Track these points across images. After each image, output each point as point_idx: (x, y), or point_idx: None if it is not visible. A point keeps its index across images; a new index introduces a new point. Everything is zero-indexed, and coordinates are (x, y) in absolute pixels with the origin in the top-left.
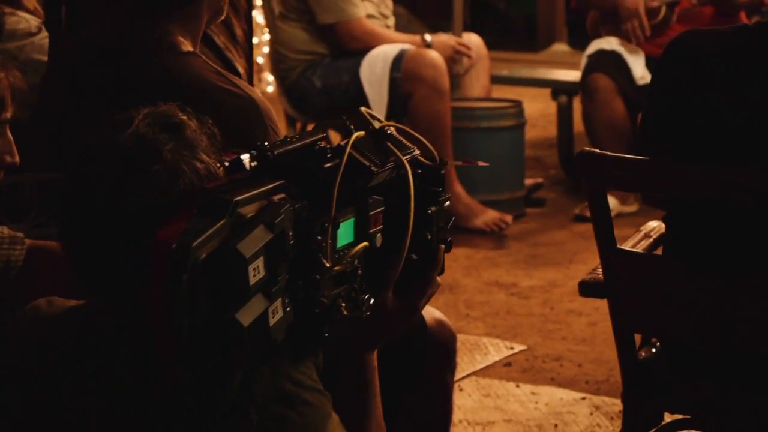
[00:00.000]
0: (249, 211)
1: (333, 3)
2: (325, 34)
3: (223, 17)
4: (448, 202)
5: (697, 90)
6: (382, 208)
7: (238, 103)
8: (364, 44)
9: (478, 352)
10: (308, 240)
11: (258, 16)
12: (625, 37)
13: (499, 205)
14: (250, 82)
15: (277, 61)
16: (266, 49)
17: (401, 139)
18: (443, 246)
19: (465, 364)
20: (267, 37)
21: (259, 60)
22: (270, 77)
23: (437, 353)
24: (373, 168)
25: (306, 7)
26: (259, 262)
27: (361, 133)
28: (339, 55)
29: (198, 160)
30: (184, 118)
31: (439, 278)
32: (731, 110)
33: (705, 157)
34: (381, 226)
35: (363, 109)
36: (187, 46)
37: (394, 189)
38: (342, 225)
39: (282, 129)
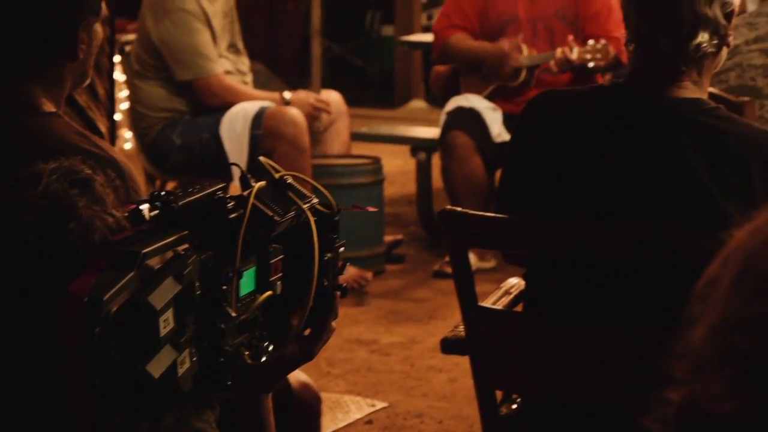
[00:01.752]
0: (156, 262)
1: (190, 59)
2: (183, 91)
3: (88, 82)
4: (342, 248)
5: (555, 149)
6: (282, 256)
7: (101, 164)
8: (224, 100)
9: (339, 410)
10: (214, 290)
11: (116, 73)
12: (499, 81)
13: (359, 261)
14: (112, 141)
15: (136, 120)
16: (124, 106)
17: (300, 188)
18: (339, 292)
19: (326, 422)
20: (124, 93)
21: (117, 117)
22: (128, 134)
23: (302, 416)
24: (276, 218)
25: (163, 64)
26: (169, 314)
27: (263, 183)
28: (199, 112)
29: (108, 214)
30: (90, 172)
31: (333, 323)
32: (587, 168)
33: (564, 215)
34: (281, 274)
35: (262, 159)
36: (50, 107)
37: (292, 237)
38: (244, 274)
39: (141, 187)
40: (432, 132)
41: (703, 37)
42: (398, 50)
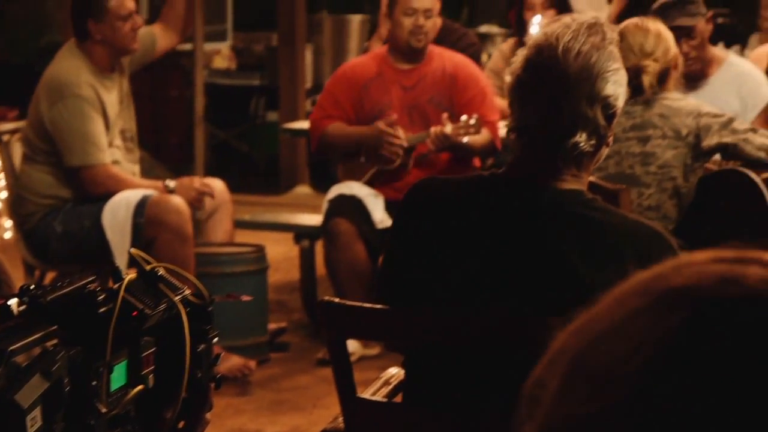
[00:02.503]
0: (23, 359)
1: (80, 146)
2: (69, 178)
3: None
4: (216, 339)
5: (434, 238)
6: (154, 348)
7: None
8: (107, 189)
9: None
10: (83, 385)
11: None
12: (381, 162)
13: (242, 350)
14: None
15: (17, 206)
16: (2, 195)
17: (172, 279)
18: (213, 384)
19: None
20: (2, 183)
21: None
22: (8, 223)
23: None
24: (146, 311)
25: (53, 149)
26: (37, 412)
27: (133, 275)
28: (82, 200)
29: None
30: None
31: (208, 415)
32: (466, 258)
33: (442, 305)
34: (153, 367)
35: (133, 250)
36: None
37: (164, 329)
38: (115, 368)
39: (18, 278)
40: (316, 219)
41: (581, 136)
42: (283, 136)
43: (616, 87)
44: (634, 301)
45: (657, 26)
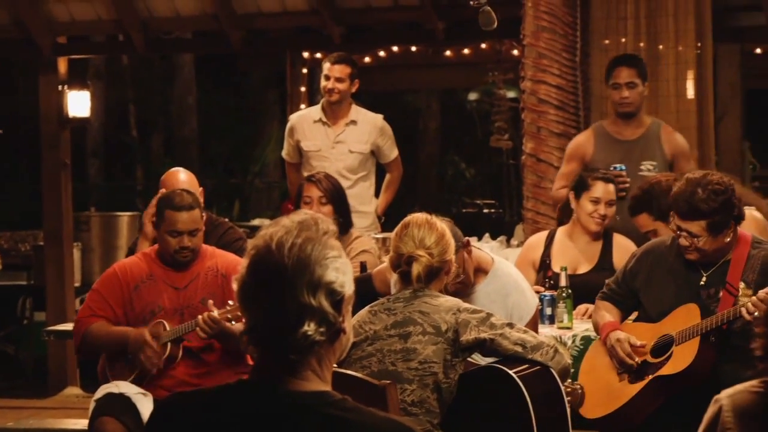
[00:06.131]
0: None
1: None
2: None
3: None
4: None
5: None
6: None
7: None
8: None
9: None
10: None
11: None
12: (140, 368)
13: None
14: None
15: None
16: None
17: None
18: None
19: None
20: None
21: None
22: None
23: None
24: None
25: None
26: None
27: None
28: None
29: None
30: None
31: None
32: None
33: None
34: None
35: None
36: None
37: None
38: None
39: None
40: (84, 422)
41: (309, 326)
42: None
43: (338, 273)
44: None
45: (443, 227)
